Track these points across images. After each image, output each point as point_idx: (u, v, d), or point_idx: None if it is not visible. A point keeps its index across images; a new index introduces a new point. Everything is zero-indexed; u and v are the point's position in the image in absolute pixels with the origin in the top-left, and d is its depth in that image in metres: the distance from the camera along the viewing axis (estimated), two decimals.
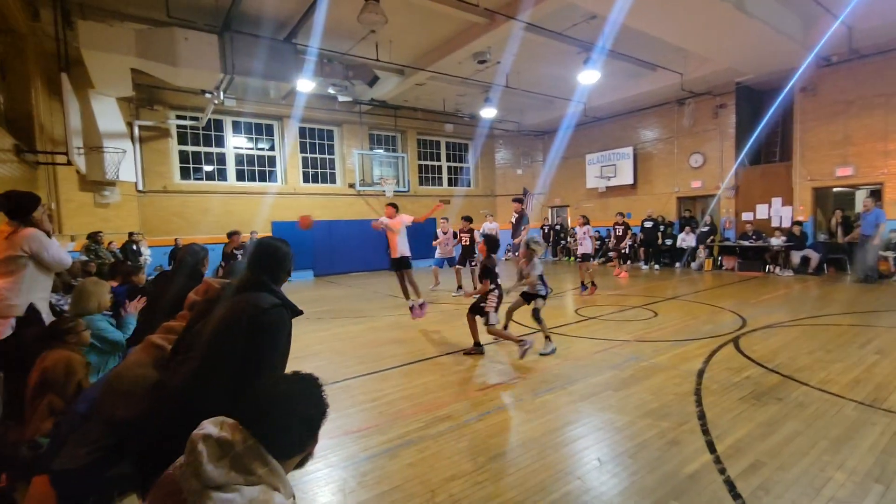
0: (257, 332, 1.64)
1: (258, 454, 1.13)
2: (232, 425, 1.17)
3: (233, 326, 1.65)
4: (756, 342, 5.29)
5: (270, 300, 1.73)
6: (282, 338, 1.72)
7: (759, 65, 10.52)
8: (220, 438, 1.12)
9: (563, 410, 3.65)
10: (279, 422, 1.18)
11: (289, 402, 1.21)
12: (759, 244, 11.60)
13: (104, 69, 8.19)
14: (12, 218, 3.09)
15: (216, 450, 1.11)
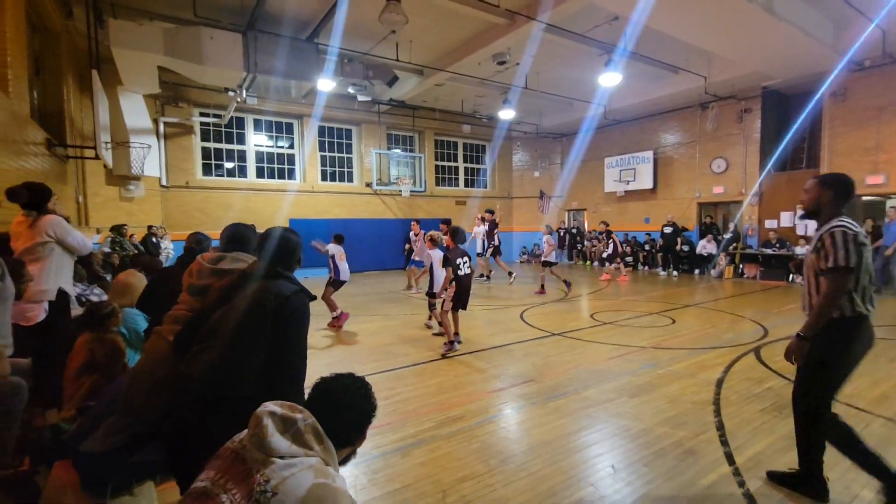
0: (284, 319, 1.71)
1: (317, 432, 1.23)
2: (292, 406, 1.27)
3: (258, 314, 1.70)
4: (778, 353, 5.15)
5: (291, 287, 1.79)
6: (306, 322, 1.81)
7: (788, 69, 10.26)
8: (284, 415, 1.22)
9: (577, 415, 3.60)
10: (339, 411, 1.29)
11: (347, 396, 1.33)
12: (782, 253, 11.31)
13: (133, 67, 8.40)
14: (29, 209, 3.18)
15: (280, 424, 1.20)
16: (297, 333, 1.75)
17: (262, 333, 1.68)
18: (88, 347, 2.51)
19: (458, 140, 17.26)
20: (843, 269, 2.21)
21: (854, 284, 2.25)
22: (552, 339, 5.99)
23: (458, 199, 17.01)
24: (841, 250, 2.22)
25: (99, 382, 2.41)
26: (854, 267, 2.21)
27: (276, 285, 1.78)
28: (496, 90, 12.95)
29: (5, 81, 4.94)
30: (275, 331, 1.69)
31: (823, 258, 2.30)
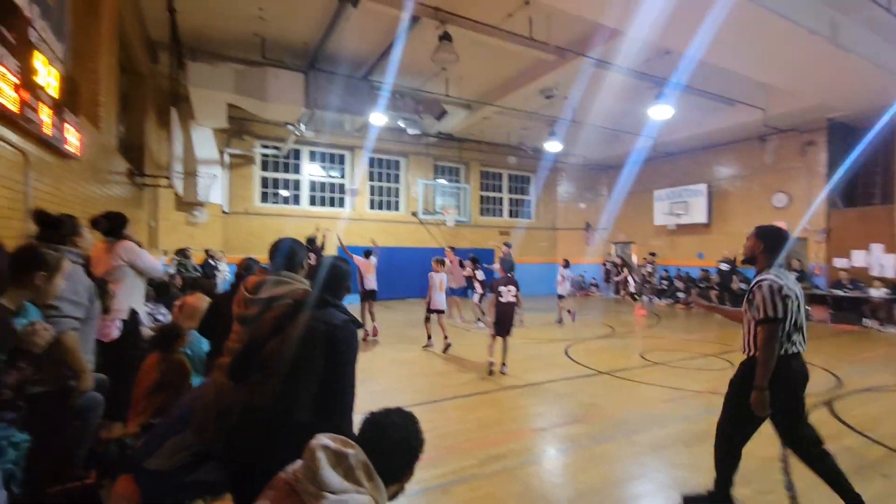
0: (334, 347, 1.75)
1: (368, 469, 1.24)
2: (344, 440, 1.29)
3: (310, 345, 1.75)
4: (854, 406, 4.68)
5: (341, 317, 1.84)
6: (356, 350, 1.85)
7: (856, 100, 9.71)
8: (337, 450, 1.24)
9: (627, 462, 3.40)
10: (388, 448, 1.30)
11: (397, 432, 1.34)
12: (855, 294, 10.40)
13: (205, 104, 9.20)
14: (108, 235, 3.49)
15: (332, 458, 1.22)
16: (346, 362, 1.79)
17: (315, 362, 1.73)
18: (160, 368, 2.67)
19: (504, 171, 17.40)
20: (773, 320, 2.52)
21: (781, 331, 2.53)
22: (599, 378, 5.76)
23: (501, 229, 17.01)
24: (769, 303, 2.53)
25: (167, 401, 2.55)
26: (781, 317, 2.52)
27: (326, 314, 1.83)
28: (542, 122, 13.06)
29: (97, 118, 5.53)
30: (326, 359, 1.73)
31: (755, 309, 2.60)
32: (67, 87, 4.10)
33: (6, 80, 2.85)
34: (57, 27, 4.39)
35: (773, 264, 2.73)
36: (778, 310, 2.52)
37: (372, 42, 8.66)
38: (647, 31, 6.64)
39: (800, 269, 11.57)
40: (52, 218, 2.51)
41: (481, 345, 7.85)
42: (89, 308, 2.58)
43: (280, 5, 7.51)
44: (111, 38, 5.95)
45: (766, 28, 6.67)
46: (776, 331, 2.53)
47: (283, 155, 13.48)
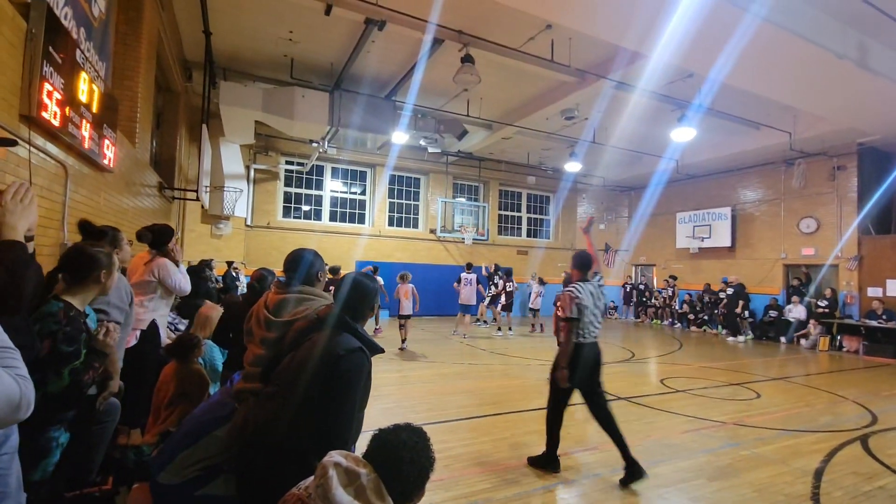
0: (334, 378, 1.66)
1: (379, 489, 1.21)
2: (356, 458, 1.27)
3: (312, 369, 1.69)
4: (892, 444, 4.42)
5: (350, 344, 1.74)
6: (358, 383, 1.73)
7: (887, 125, 9.46)
8: (349, 468, 1.22)
9: (647, 495, 3.28)
10: (398, 468, 1.26)
11: (408, 451, 1.29)
12: (891, 326, 9.94)
13: (235, 121, 9.53)
14: (152, 247, 3.60)
15: (344, 477, 1.21)
16: (344, 394, 1.67)
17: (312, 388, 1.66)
18: (177, 378, 2.71)
19: (523, 191, 17.42)
20: (568, 319, 3.58)
21: (577, 326, 3.60)
22: (618, 404, 5.59)
23: (519, 248, 16.95)
24: (567, 307, 3.59)
25: (186, 410, 2.59)
26: (575, 317, 3.58)
27: (336, 340, 1.74)
28: (563, 143, 13.08)
29: (133, 134, 5.78)
30: (324, 387, 1.65)
31: (560, 310, 3.70)
32: (107, 104, 4.31)
33: (51, 97, 3.02)
34: (101, 47, 4.65)
35: (584, 279, 3.75)
36: (573, 312, 3.58)
37: (395, 63, 8.88)
38: (668, 54, 6.65)
39: (830, 298, 11.16)
40: (95, 229, 2.60)
41: (497, 365, 7.76)
42: (129, 314, 2.66)
43: (309, 28, 7.79)
44: (150, 59, 6.25)
45: (791, 52, 6.61)
46: (572, 327, 3.60)
47: (307, 171, 13.79)
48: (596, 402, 3.69)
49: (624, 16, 5.89)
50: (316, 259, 2.26)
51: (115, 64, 5.29)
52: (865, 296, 11.00)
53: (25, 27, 2.80)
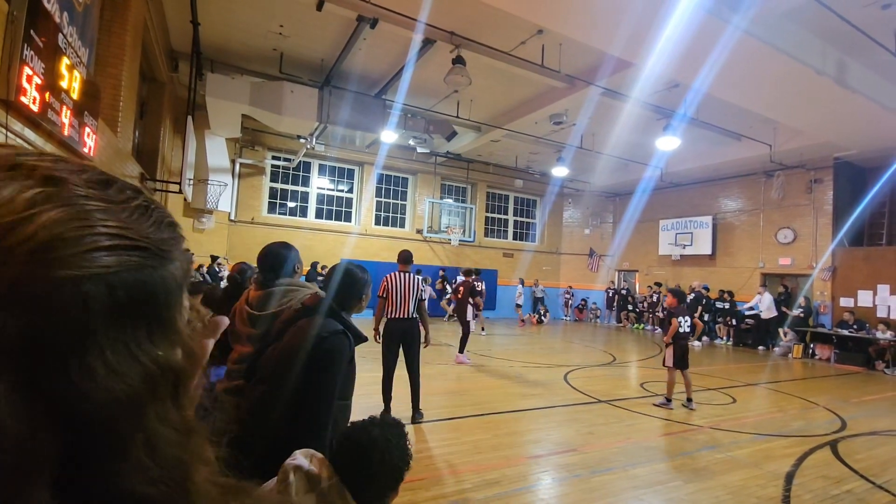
0: (314, 360, 1.63)
1: (341, 494, 1.16)
2: (320, 461, 1.21)
3: (293, 354, 1.66)
4: (859, 450, 4.57)
5: (331, 326, 1.72)
6: (338, 365, 1.70)
7: (863, 141, 9.79)
8: (310, 472, 1.17)
9: (624, 496, 3.33)
10: (367, 469, 1.19)
11: (378, 451, 1.21)
12: (861, 335, 10.27)
13: (221, 114, 9.38)
14: None
15: (304, 483, 1.15)
16: (322, 376, 1.65)
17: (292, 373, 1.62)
18: None
19: (510, 193, 17.52)
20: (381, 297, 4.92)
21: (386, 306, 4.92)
22: (598, 406, 5.67)
23: (505, 251, 17.04)
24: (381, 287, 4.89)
25: None
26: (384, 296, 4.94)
27: (318, 324, 1.73)
28: (551, 148, 13.20)
29: (116, 123, 5.65)
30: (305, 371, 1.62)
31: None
32: (89, 91, 4.21)
33: (31, 81, 2.94)
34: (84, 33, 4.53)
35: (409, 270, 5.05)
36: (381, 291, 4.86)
37: (386, 62, 8.86)
38: (655, 63, 6.78)
39: (805, 307, 11.47)
40: None
41: (479, 366, 7.78)
42: None
43: (300, 23, 7.72)
44: (135, 47, 6.12)
45: (772, 66, 6.80)
46: (382, 305, 4.88)
47: (293, 167, 13.65)
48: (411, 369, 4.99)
49: (612, 23, 5.98)
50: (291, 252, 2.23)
51: (98, 51, 5.16)
52: (838, 305, 11.34)
53: (7, 9, 2.72)
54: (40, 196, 0.27)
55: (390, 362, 4.84)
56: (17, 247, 0.25)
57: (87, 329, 0.27)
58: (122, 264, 0.29)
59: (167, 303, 0.32)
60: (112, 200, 0.31)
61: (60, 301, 0.26)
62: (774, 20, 6.21)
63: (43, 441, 0.25)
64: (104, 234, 0.29)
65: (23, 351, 0.25)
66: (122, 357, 0.29)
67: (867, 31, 6.25)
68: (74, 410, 0.27)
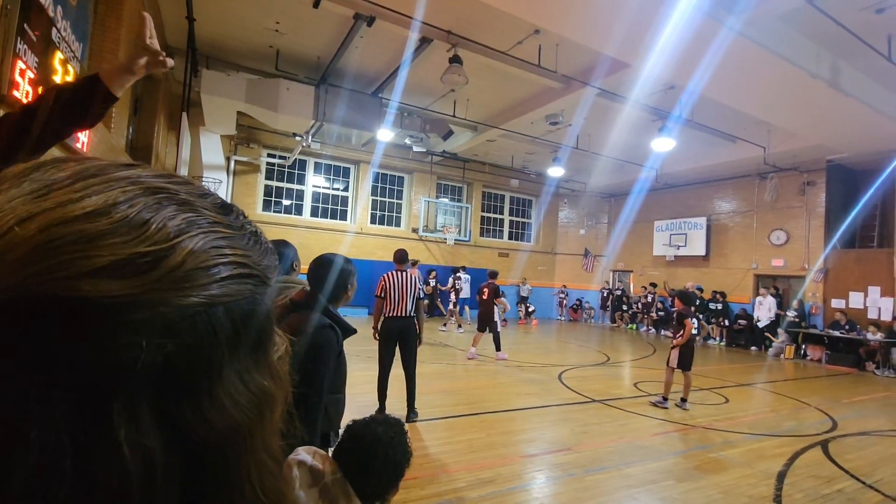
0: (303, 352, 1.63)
1: (344, 489, 1.17)
2: (323, 456, 1.22)
3: None
4: (850, 450, 4.62)
5: (319, 321, 1.72)
6: (328, 360, 1.70)
7: (856, 144, 9.88)
8: (313, 467, 1.17)
9: (618, 495, 3.34)
10: (370, 465, 1.21)
11: (382, 447, 1.23)
12: (852, 336, 10.37)
13: (216, 111, 9.32)
14: None
15: (308, 477, 1.16)
16: (312, 370, 1.65)
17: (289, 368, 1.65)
18: None
19: (506, 193, 17.54)
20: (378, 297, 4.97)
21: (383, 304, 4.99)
22: (593, 406, 5.69)
23: (501, 250, 17.06)
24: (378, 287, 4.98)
25: None
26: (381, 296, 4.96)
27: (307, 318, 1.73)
28: (546, 148, 13.23)
29: (109, 118, 5.60)
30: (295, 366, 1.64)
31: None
32: None
33: (24, 75, 2.90)
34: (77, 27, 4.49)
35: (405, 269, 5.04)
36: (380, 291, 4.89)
37: (383, 60, 8.84)
38: (651, 64, 6.81)
39: (798, 308, 11.56)
40: None
41: (474, 365, 7.79)
42: None
43: (296, 20, 7.69)
44: (129, 42, 6.07)
45: (767, 68, 6.84)
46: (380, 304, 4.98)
47: (289, 165, 13.59)
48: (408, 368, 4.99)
49: (609, 24, 6.00)
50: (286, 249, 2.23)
51: (92, 45, 5.12)
52: (829, 307, 11.44)
53: (0, 2, 2.69)
54: (184, 223, 0.28)
55: (386, 361, 4.82)
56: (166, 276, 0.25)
57: (215, 358, 0.28)
58: (241, 293, 0.29)
59: (268, 331, 0.33)
60: (234, 227, 0.32)
61: (194, 329, 0.26)
62: (769, 23, 6.25)
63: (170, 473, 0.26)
64: (232, 263, 0.29)
65: (159, 380, 0.25)
66: (238, 386, 0.29)
67: (861, 34, 6.30)
68: (197, 440, 0.27)
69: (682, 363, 5.77)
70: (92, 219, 0.25)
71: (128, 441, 0.24)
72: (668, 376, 5.87)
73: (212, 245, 0.28)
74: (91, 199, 0.26)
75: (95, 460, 0.23)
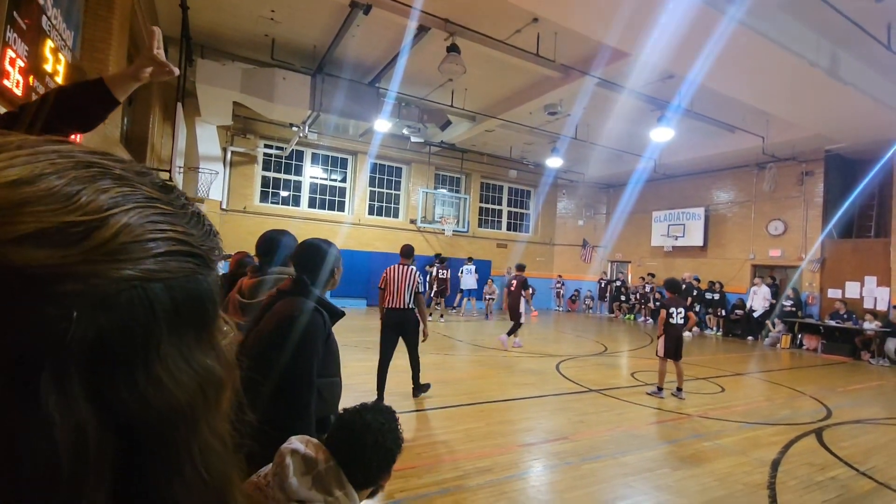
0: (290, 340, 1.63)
1: (338, 477, 1.18)
2: (316, 445, 1.23)
3: (269, 335, 1.66)
4: (844, 438, 4.67)
5: (305, 305, 1.71)
6: (315, 343, 1.70)
7: (854, 133, 9.85)
8: (306, 455, 1.19)
9: (614, 483, 3.38)
10: (361, 452, 1.22)
11: (372, 434, 1.25)
12: (848, 326, 10.43)
13: (212, 101, 9.23)
14: None
15: (301, 465, 1.17)
16: (299, 354, 1.65)
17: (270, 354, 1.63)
18: None
19: (504, 184, 17.49)
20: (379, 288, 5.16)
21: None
22: (590, 396, 5.73)
23: (499, 241, 17.06)
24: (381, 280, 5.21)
25: None
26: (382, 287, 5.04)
27: (292, 303, 1.72)
28: (545, 138, 13.17)
29: None
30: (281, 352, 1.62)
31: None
32: (76, 76, 4.12)
33: (14, 64, 2.86)
34: (69, 16, 4.42)
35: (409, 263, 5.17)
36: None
37: (380, 49, 8.75)
38: (650, 53, 6.75)
39: (794, 298, 11.62)
40: None
41: (473, 356, 7.83)
42: None
43: (292, 8, 7.59)
44: (122, 31, 5.98)
45: (767, 57, 6.80)
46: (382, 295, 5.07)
47: (286, 156, 13.51)
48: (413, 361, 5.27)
49: (608, 13, 5.94)
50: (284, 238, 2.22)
51: (84, 35, 5.04)
52: (826, 297, 11.50)
53: None
54: (119, 196, 0.27)
55: (386, 351, 4.96)
56: (97, 248, 0.25)
57: (152, 334, 0.27)
58: (182, 271, 0.29)
59: (212, 312, 0.33)
60: (174, 205, 0.31)
61: (130, 303, 0.26)
62: (769, 11, 6.20)
63: (102, 448, 0.25)
64: (170, 240, 0.29)
65: (91, 353, 0.25)
66: (180, 364, 0.29)
67: (861, 23, 6.25)
68: (134, 418, 0.27)
69: (667, 352, 5.82)
70: (15, 187, 0.24)
71: (58, 412, 0.23)
72: (660, 366, 5.92)
73: (148, 220, 0.28)
74: (15, 169, 0.25)
75: (23, 430, 0.23)
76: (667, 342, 5.83)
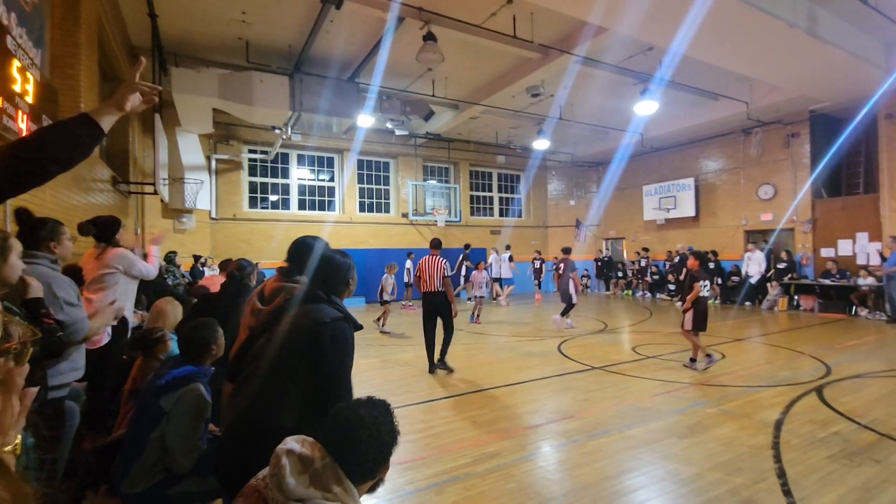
0: (322, 347, 1.61)
1: (335, 473, 1.18)
2: (312, 443, 1.23)
3: (294, 342, 1.64)
4: (844, 393, 4.73)
5: (332, 313, 1.69)
6: (350, 348, 1.69)
7: (837, 92, 9.86)
8: (302, 454, 1.19)
9: (621, 456, 3.41)
10: (356, 447, 1.22)
11: (366, 429, 1.24)
12: (843, 283, 10.54)
13: (190, 109, 9.09)
14: (99, 241, 3.41)
15: (298, 465, 1.17)
16: (337, 363, 1.64)
17: (297, 362, 1.61)
18: (141, 373, 2.62)
19: (493, 170, 17.43)
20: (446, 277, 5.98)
21: None
22: (593, 373, 5.77)
23: (492, 228, 17.04)
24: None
25: None
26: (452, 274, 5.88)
27: (316, 310, 1.69)
28: (530, 121, 13.10)
29: None
30: (310, 360, 1.60)
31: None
32: (46, 94, 4.03)
33: None
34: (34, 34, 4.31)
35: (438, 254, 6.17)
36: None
37: (357, 44, 8.63)
38: (628, 26, 6.69)
39: (787, 260, 11.71)
40: (33, 220, 2.41)
41: (475, 344, 7.85)
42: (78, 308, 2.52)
43: (262, 8, 7.45)
44: (91, 45, 5.86)
45: (744, 21, 6.75)
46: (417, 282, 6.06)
47: (271, 159, 13.38)
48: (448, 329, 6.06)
49: None
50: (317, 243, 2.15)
51: (52, 52, 4.93)
52: (819, 257, 11.59)
53: None
54: None
55: (429, 332, 6.00)
56: None
57: None
58: None
59: None
60: None
61: None
62: None
63: None
64: None
65: None
66: None
67: None
68: None
69: (697, 325, 5.78)
70: None
71: None
72: (692, 339, 5.89)
73: None
74: None
75: None
76: (696, 315, 5.77)
